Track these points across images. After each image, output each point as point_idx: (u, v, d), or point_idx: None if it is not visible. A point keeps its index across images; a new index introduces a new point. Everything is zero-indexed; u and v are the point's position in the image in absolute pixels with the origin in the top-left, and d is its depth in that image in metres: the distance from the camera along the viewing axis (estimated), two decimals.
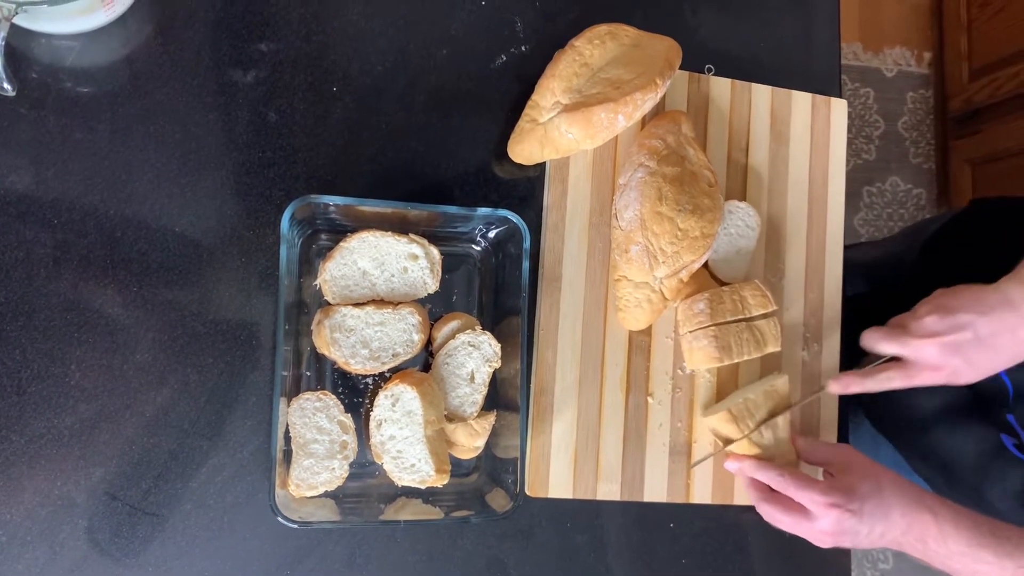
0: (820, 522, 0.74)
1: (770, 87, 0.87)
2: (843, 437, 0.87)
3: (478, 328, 0.73)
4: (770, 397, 0.79)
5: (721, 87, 0.86)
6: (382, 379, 0.74)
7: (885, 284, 1.03)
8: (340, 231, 0.73)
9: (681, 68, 0.81)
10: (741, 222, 0.83)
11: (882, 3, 2.06)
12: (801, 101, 0.88)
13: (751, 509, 0.83)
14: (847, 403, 0.88)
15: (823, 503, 0.73)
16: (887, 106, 2.03)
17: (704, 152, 0.83)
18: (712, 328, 0.77)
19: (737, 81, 0.86)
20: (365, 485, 0.73)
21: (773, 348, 0.79)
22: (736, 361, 0.78)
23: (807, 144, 0.88)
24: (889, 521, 0.74)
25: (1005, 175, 1.79)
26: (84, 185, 0.70)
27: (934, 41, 2.05)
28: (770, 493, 0.77)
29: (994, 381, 0.82)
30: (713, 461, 0.81)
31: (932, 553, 0.74)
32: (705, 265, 0.82)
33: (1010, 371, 0.83)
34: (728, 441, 0.79)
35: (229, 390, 0.72)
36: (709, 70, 0.86)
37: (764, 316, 0.80)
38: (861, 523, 0.73)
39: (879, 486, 0.75)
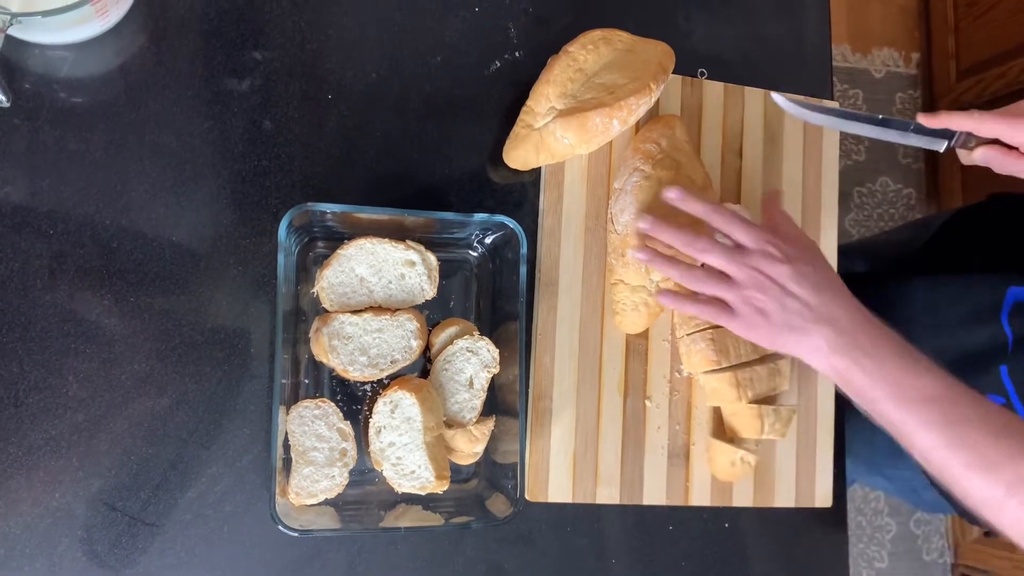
0: (738, 256, 0.68)
1: (762, 90, 0.88)
2: (840, 423, 0.87)
3: (476, 334, 0.74)
4: (773, 375, 0.79)
5: (714, 90, 0.86)
6: (381, 386, 0.74)
7: (884, 264, 1.04)
8: (337, 238, 0.73)
9: (674, 72, 0.81)
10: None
11: (869, 5, 2.07)
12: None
13: (750, 511, 0.83)
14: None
15: (756, 234, 0.68)
16: (876, 107, 2.04)
17: (698, 155, 0.83)
18: (710, 331, 0.78)
19: (730, 84, 0.87)
20: (365, 492, 0.73)
21: (771, 349, 0.80)
22: (734, 364, 0.79)
23: (800, 146, 0.88)
24: (820, 296, 0.67)
25: (994, 174, 1.80)
26: (80, 196, 0.70)
27: (921, 42, 2.07)
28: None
29: (992, 328, 0.79)
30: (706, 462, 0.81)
31: (861, 356, 0.66)
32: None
33: (1011, 318, 0.81)
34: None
35: (227, 399, 0.72)
36: (702, 74, 0.87)
37: None
38: (791, 278, 0.67)
39: (822, 264, 0.69)
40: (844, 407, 0.87)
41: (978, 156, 0.74)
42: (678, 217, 0.74)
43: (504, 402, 0.75)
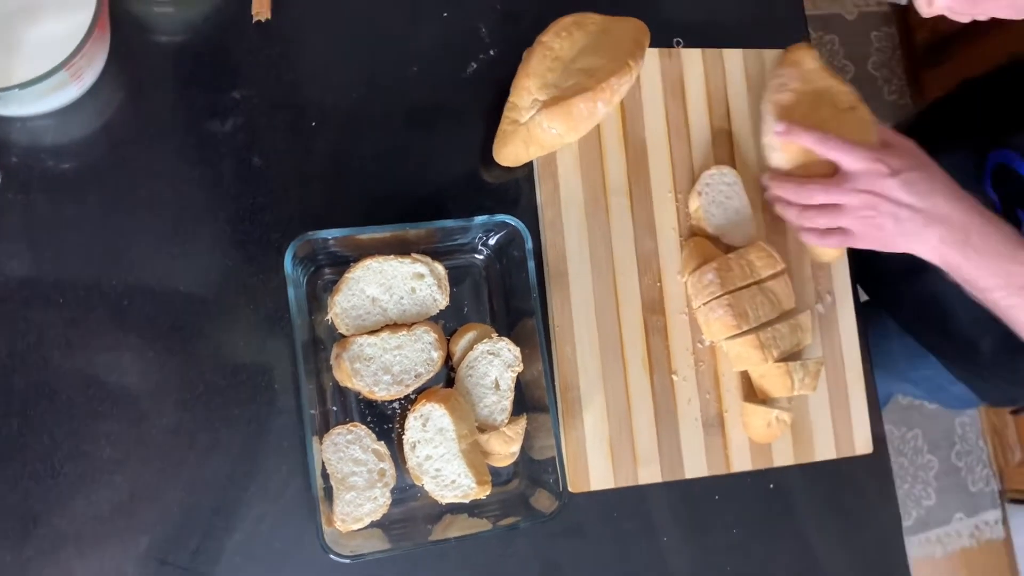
0: (848, 185, 0.73)
1: (740, 50, 0.87)
2: (864, 336, 0.87)
3: (495, 335, 0.74)
4: (795, 331, 0.79)
5: (692, 58, 0.86)
6: (408, 401, 0.74)
7: None
8: (343, 263, 0.73)
9: (651, 46, 0.81)
10: (721, 184, 0.82)
11: None
12: (773, 59, 0.88)
13: (792, 469, 0.83)
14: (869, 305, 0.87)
15: (862, 156, 0.73)
16: (853, 49, 2.03)
17: (834, 75, 0.84)
18: (726, 297, 0.77)
19: (707, 49, 0.86)
20: (409, 509, 0.73)
21: (788, 306, 0.80)
22: (754, 326, 0.78)
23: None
24: (932, 199, 0.73)
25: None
26: (83, 260, 0.70)
27: None
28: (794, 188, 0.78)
29: (977, 197, 0.82)
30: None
31: (972, 252, 0.72)
32: (710, 238, 0.82)
33: (995, 183, 0.84)
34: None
35: (259, 437, 0.72)
36: (678, 43, 0.87)
37: (773, 276, 0.80)
38: (901, 189, 0.72)
39: (930, 166, 0.74)
40: (868, 316, 0.88)
41: (940, 3, 0.74)
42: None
43: (533, 399, 0.75)
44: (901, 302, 0.87)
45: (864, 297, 1.04)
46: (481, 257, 0.78)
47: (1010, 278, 0.71)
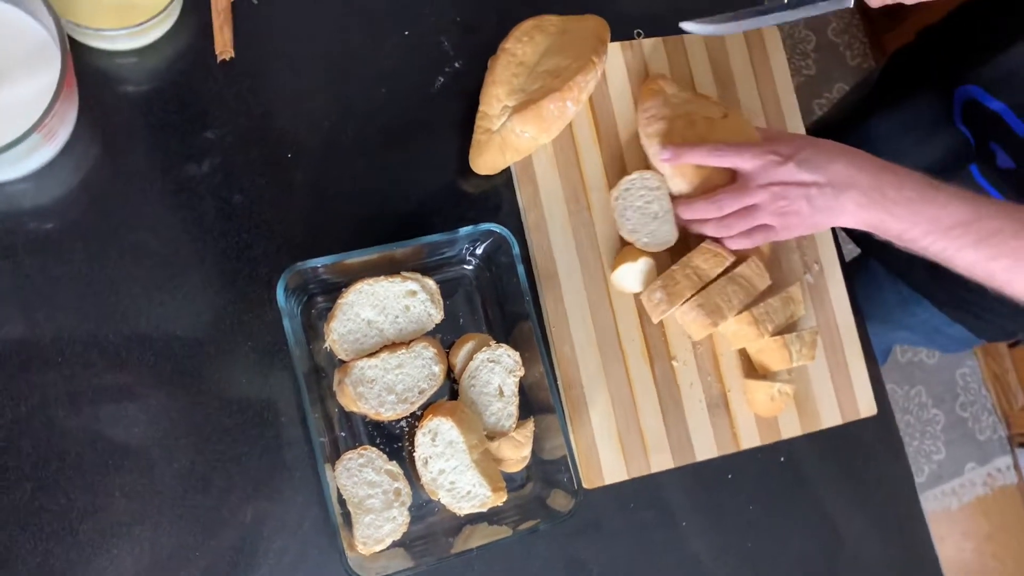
0: (752, 183, 0.74)
1: (701, 36, 0.88)
2: (855, 300, 0.88)
3: (493, 343, 0.74)
4: (787, 303, 0.80)
5: (655, 48, 0.87)
6: (415, 418, 0.74)
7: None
8: (334, 289, 0.73)
9: (612, 40, 0.82)
10: (641, 189, 0.81)
11: None
12: (734, 40, 0.89)
13: (800, 440, 0.84)
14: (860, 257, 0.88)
15: (753, 153, 0.74)
16: (813, 18, 2.05)
17: (697, 92, 0.85)
18: (696, 297, 0.77)
19: (668, 37, 0.87)
20: (428, 524, 0.74)
21: (763, 286, 0.80)
22: (737, 315, 0.79)
23: (751, 79, 0.89)
24: (832, 169, 0.73)
25: None
26: (77, 316, 0.70)
27: None
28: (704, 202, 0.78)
29: (950, 133, 0.83)
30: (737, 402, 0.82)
31: (891, 205, 0.72)
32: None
33: (965, 118, 0.85)
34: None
35: (272, 472, 0.72)
36: (639, 34, 0.88)
37: (733, 267, 0.80)
38: (799, 170, 0.73)
39: (819, 142, 0.75)
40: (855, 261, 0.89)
41: None
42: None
43: (538, 401, 0.75)
44: (889, 247, 0.88)
45: (853, 253, 1.06)
46: (470, 267, 0.78)
47: (934, 223, 0.71)
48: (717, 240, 0.79)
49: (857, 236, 1.04)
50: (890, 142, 0.95)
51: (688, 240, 0.82)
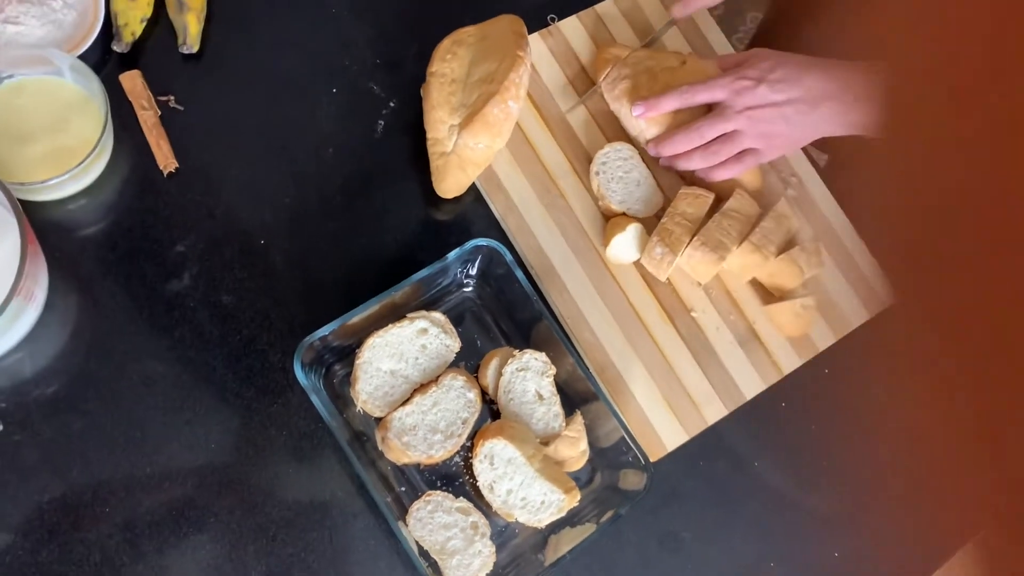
0: (729, 111, 0.75)
1: (610, 1, 0.90)
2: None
3: (516, 352, 0.74)
4: (780, 221, 0.80)
5: (572, 28, 0.88)
6: (467, 451, 0.74)
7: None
8: (348, 353, 0.73)
9: (530, 32, 0.83)
10: (617, 160, 0.82)
11: None
12: None
13: (838, 346, 0.84)
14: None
15: (723, 84, 0.75)
16: None
17: (648, 45, 0.87)
18: (696, 239, 0.78)
19: (580, 13, 0.88)
20: (514, 547, 0.73)
21: (755, 211, 0.81)
22: (741, 246, 0.79)
23: (682, 41, 0.90)
24: (803, 84, 0.74)
25: None
26: (110, 463, 0.69)
27: None
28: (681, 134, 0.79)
29: None
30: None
31: (866, 103, 0.73)
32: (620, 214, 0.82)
33: None
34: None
35: (347, 549, 0.71)
36: (552, 19, 0.89)
37: (720, 203, 0.81)
38: (771, 91, 0.74)
39: (784, 58, 0.76)
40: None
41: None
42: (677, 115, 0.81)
43: (578, 393, 0.75)
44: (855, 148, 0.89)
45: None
46: (470, 289, 0.78)
47: None
48: (694, 180, 0.80)
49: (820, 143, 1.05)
50: (820, 46, 0.96)
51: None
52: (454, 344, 0.74)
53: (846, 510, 0.81)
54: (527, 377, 0.74)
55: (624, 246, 0.79)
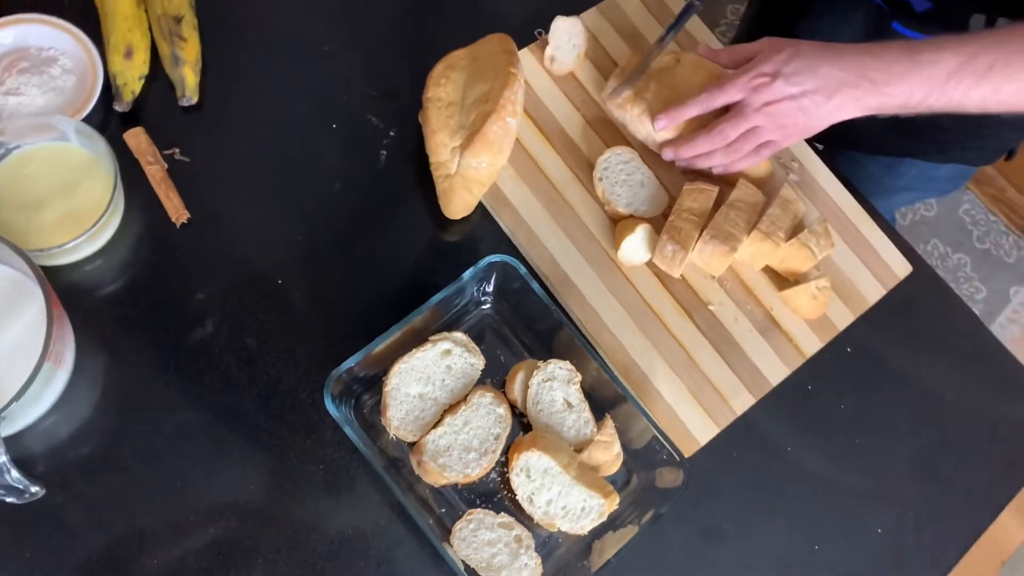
0: (748, 109, 0.76)
1: (594, 9, 0.91)
2: (861, 198, 0.89)
3: (541, 363, 0.75)
4: (786, 208, 0.81)
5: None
6: (502, 467, 0.74)
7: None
8: (375, 381, 0.74)
9: (521, 48, 0.84)
10: (618, 164, 0.84)
11: None
12: (630, 2, 0.92)
13: (856, 324, 0.84)
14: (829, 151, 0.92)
15: (740, 84, 0.75)
16: None
17: (640, 50, 0.86)
18: (706, 232, 0.79)
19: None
20: (559, 557, 0.73)
21: (761, 200, 0.82)
22: (750, 235, 0.80)
23: (656, 26, 0.91)
24: (818, 75, 0.74)
25: None
26: (153, 515, 0.70)
27: None
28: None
29: (863, 5, 0.82)
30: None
31: (883, 87, 0.73)
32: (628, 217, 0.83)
33: None
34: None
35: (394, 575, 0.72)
36: (539, 33, 0.90)
37: (724, 195, 0.81)
38: (788, 85, 0.74)
39: (797, 49, 0.76)
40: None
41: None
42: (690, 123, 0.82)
43: (605, 398, 0.75)
44: (849, 136, 0.89)
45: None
46: (488, 306, 0.79)
47: (930, 84, 0.72)
48: (697, 175, 0.80)
49: (820, 138, 1.05)
50: (815, 35, 0.95)
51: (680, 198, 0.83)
52: (478, 362, 0.74)
53: (883, 486, 0.82)
54: (554, 387, 0.74)
55: (635, 248, 0.80)
